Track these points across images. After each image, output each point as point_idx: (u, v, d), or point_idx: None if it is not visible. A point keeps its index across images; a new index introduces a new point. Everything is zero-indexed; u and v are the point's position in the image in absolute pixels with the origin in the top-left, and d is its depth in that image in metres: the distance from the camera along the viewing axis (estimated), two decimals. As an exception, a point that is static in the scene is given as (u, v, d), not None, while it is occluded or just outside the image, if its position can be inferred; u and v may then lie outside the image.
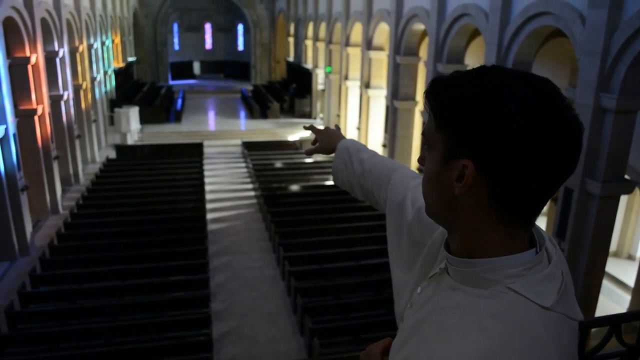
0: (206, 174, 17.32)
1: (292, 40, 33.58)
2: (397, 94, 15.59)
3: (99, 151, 19.99)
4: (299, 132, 24.01)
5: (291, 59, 33.91)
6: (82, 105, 18.00)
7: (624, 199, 11.07)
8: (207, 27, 42.26)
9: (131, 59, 32.56)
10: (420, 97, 15.73)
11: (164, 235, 11.72)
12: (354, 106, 20.76)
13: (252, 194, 16.04)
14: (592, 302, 8.18)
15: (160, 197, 14.48)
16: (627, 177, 8.06)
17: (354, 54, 20.12)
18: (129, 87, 29.44)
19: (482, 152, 0.87)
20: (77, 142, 16.59)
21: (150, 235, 11.73)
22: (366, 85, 18.21)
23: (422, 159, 1.03)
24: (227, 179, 17.61)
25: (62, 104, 15.19)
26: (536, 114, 0.85)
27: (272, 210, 13.28)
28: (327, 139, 1.85)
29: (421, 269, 1.20)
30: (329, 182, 16.20)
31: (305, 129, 2.04)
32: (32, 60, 12.56)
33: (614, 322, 1.84)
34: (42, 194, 13.42)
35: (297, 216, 13.07)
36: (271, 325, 9.11)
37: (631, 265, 11.71)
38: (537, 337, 0.85)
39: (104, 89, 22.50)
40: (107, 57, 23.98)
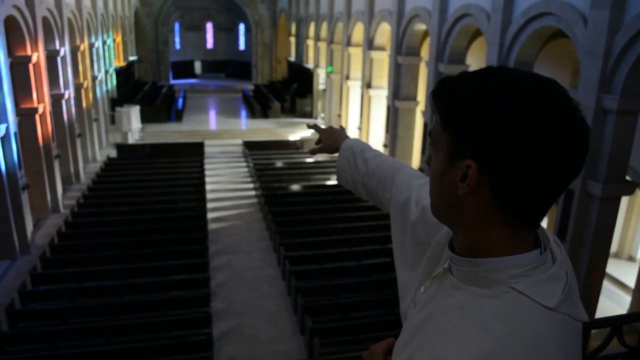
0: (207, 173, 17.33)
1: (293, 39, 33.57)
2: (399, 94, 15.59)
3: (99, 150, 20.00)
4: (300, 131, 24.01)
5: (292, 58, 33.90)
6: (83, 104, 18.01)
7: (624, 200, 11.07)
8: (209, 26, 42.27)
9: (132, 58, 32.58)
10: (421, 97, 15.74)
11: (165, 234, 11.72)
12: (355, 106, 20.76)
13: (253, 193, 16.04)
14: (592, 303, 8.18)
15: (160, 196, 14.48)
16: (628, 178, 8.06)
17: (356, 53, 20.12)
18: (130, 86, 29.45)
19: (485, 153, 0.87)
20: (78, 141, 16.61)
21: (150, 234, 11.72)
22: (367, 85, 18.21)
23: (429, 159, 1.03)
24: (227, 179, 17.61)
25: (63, 102, 15.20)
26: (541, 115, 0.84)
27: (273, 209, 13.27)
28: (331, 138, 1.85)
29: (425, 268, 1.20)
30: (329, 182, 16.20)
31: (309, 128, 2.03)
32: (34, 59, 12.57)
33: (615, 323, 1.84)
34: (43, 192, 13.43)
35: (298, 216, 13.07)
36: (271, 324, 9.11)
37: (632, 266, 11.70)
38: (541, 338, 0.84)
39: (105, 88, 22.51)
40: (109, 56, 24.00)
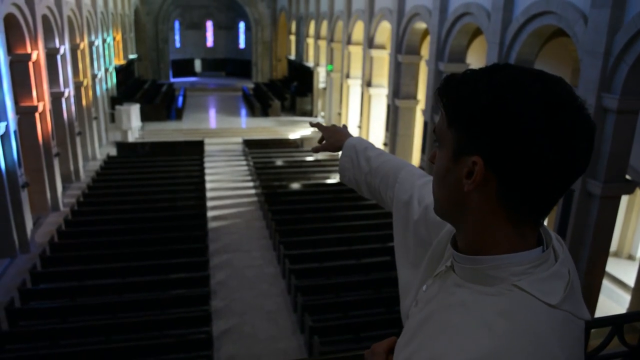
0: (207, 171, 17.32)
1: (293, 38, 33.55)
2: (399, 92, 15.58)
3: (99, 148, 19.98)
4: (300, 130, 24.01)
5: (292, 57, 33.88)
6: (83, 102, 18.00)
7: (624, 199, 11.07)
8: (209, 24, 42.21)
9: (132, 56, 32.55)
10: (421, 96, 15.73)
11: (165, 232, 11.71)
12: (355, 104, 20.75)
13: (253, 191, 16.04)
14: (592, 302, 8.19)
15: (160, 194, 14.47)
16: (628, 177, 8.06)
17: (356, 52, 20.11)
18: (130, 85, 29.43)
19: (491, 149, 0.87)
20: (77, 139, 16.61)
21: (150, 232, 11.72)
22: (367, 83, 18.20)
23: (433, 157, 1.02)
24: (227, 177, 17.61)
25: (63, 101, 15.19)
26: (547, 113, 0.84)
27: (273, 208, 13.27)
28: (334, 136, 1.85)
29: (427, 267, 1.20)
30: (329, 180, 16.20)
31: (311, 126, 2.03)
32: (33, 57, 12.55)
33: (616, 322, 1.84)
34: (43, 191, 13.43)
35: (298, 214, 13.07)
36: (271, 323, 9.11)
37: (631, 265, 11.71)
38: (543, 335, 0.84)
39: (105, 86, 22.49)
40: (108, 54, 23.97)
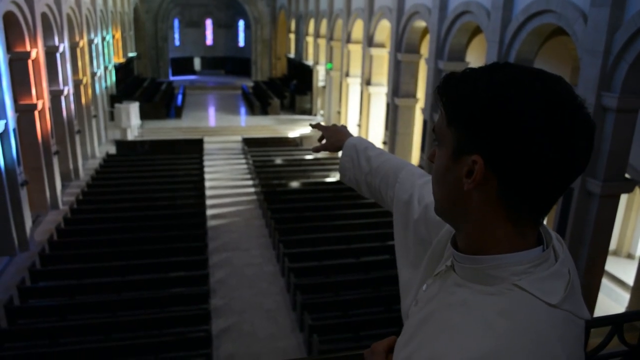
0: (206, 170, 17.31)
1: (293, 36, 33.52)
2: (398, 91, 15.57)
3: (99, 147, 19.97)
4: (299, 128, 23.99)
5: (292, 55, 33.85)
6: (83, 100, 17.98)
7: (624, 198, 11.07)
8: (208, 22, 42.16)
9: (132, 55, 32.51)
10: (421, 94, 15.72)
11: (164, 231, 11.70)
12: (355, 103, 20.74)
13: (252, 190, 16.03)
14: (591, 301, 8.20)
15: (160, 193, 14.47)
16: (627, 176, 8.06)
17: (355, 50, 20.09)
18: (129, 83, 29.40)
19: (491, 148, 0.86)
20: (77, 138, 16.59)
21: (150, 231, 11.71)
22: (367, 82, 18.18)
23: (432, 156, 1.02)
24: (227, 175, 17.60)
25: (62, 99, 15.17)
26: (547, 112, 0.84)
27: (272, 206, 13.27)
28: (334, 136, 1.85)
29: (427, 266, 1.20)
30: (329, 179, 16.20)
31: (312, 127, 2.03)
32: (33, 55, 12.53)
33: (616, 321, 1.83)
34: (42, 189, 13.41)
35: (297, 213, 13.07)
36: (270, 322, 9.12)
37: (631, 263, 11.71)
38: (543, 335, 0.84)
39: (104, 84, 22.47)
40: (108, 52, 23.94)
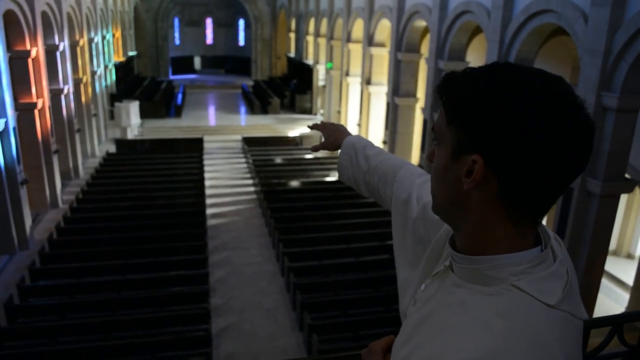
0: (206, 169, 17.31)
1: (293, 35, 33.49)
2: (398, 90, 15.56)
3: (99, 145, 19.96)
4: (299, 127, 23.98)
5: (292, 54, 33.83)
6: (83, 99, 17.97)
7: (623, 198, 11.07)
8: (208, 22, 42.13)
9: (132, 53, 32.49)
10: (421, 94, 15.71)
11: (164, 230, 11.71)
12: (355, 102, 20.73)
13: (252, 189, 16.03)
14: (591, 301, 8.19)
15: (160, 192, 14.47)
16: (627, 176, 8.06)
17: (355, 50, 20.08)
18: (129, 82, 29.39)
19: (491, 148, 0.86)
20: (77, 136, 16.58)
21: (149, 230, 11.71)
22: (367, 81, 18.17)
23: (431, 155, 1.02)
24: (227, 174, 17.60)
25: (62, 97, 15.16)
26: (547, 111, 0.84)
27: (272, 206, 13.27)
28: (333, 135, 1.86)
29: (425, 266, 1.20)
30: (329, 178, 16.19)
31: (310, 129, 2.03)
32: (33, 53, 12.52)
33: (616, 322, 1.83)
34: (42, 187, 13.41)
35: (297, 212, 13.07)
36: (270, 321, 9.12)
37: (630, 263, 11.71)
38: (541, 335, 0.84)
39: (104, 83, 22.46)
40: (108, 51, 23.93)
